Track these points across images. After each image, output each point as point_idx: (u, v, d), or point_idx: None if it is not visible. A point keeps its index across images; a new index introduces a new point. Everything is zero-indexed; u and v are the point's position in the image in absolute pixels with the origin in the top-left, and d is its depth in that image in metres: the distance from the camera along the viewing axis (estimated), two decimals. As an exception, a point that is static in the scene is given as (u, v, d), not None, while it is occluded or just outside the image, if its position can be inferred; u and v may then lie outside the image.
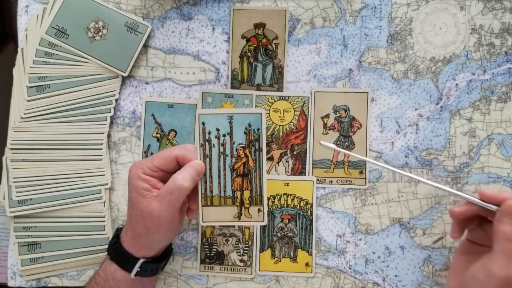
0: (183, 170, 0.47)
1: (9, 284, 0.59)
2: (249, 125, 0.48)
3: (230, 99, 0.59)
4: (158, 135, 0.59)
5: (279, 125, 0.59)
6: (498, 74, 0.58)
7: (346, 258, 0.58)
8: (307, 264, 0.58)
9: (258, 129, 0.48)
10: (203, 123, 0.48)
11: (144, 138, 0.59)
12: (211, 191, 0.49)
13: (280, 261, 0.58)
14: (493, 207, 0.46)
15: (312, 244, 0.58)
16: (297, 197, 0.58)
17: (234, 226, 0.58)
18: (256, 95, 0.59)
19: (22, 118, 0.58)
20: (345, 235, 0.58)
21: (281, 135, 0.59)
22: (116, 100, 0.59)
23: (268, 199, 0.58)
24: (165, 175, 0.49)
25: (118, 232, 0.52)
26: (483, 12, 0.58)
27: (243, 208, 0.49)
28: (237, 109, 0.52)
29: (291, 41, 0.59)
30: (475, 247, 0.50)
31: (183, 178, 0.47)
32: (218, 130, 0.48)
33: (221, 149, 0.48)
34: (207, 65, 0.60)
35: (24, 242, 0.58)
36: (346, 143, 0.58)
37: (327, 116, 0.59)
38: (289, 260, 0.58)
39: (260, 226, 0.57)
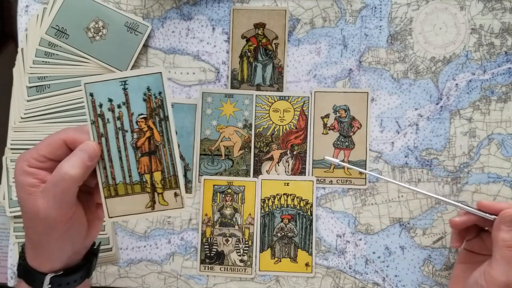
0: (71, 156, 0.39)
1: (9, 284, 0.59)
2: (148, 89, 0.39)
3: (230, 99, 0.59)
4: (158, 135, 0.59)
5: (279, 125, 0.59)
6: (498, 74, 0.58)
7: (346, 258, 0.58)
8: (307, 264, 0.58)
9: (160, 93, 0.39)
10: (91, 95, 0.39)
11: (144, 138, 0.59)
12: (114, 178, 0.40)
13: (280, 261, 0.58)
14: (491, 217, 0.48)
15: (312, 244, 0.58)
16: (297, 197, 0.58)
17: (234, 226, 0.58)
18: (256, 95, 0.59)
19: (22, 118, 0.58)
20: (345, 235, 0.58)
21: (281, 135, 0.59)
22: (116, 100, 0.59)
23: (268, 199, 0.58)
24: (55, 166, 0.40)
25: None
26: (483, 12, 0.58)
27: (155, 194, 0.40)
28: (130, 71, 0.41)
29: (291, 41, 0.59)
30: (474, 256, 0.52)
31: (70, 165, 0.38)
32: (110, 100, 0.39)
33: (118, 124, 0.39)
34: (207, 65, 0.60)
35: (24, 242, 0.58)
36: (346, 143, 0.58)
37: (327, 116, 0.59)
38: (289, 260, 0.58)
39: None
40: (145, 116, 0.39)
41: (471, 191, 0.57)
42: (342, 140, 0.59)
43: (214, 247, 0.58)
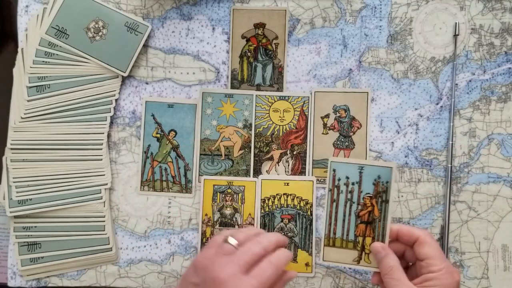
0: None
1: (9, 284, 0.59)
2: (379, 177, 0.49)
3: (230, 99, 0.59)
4: (158, 135, 0.59)
5: (279, 125, 0.59)
6: (498, 74, 0.58)
7: (346, 258, 0.58)
8: (307, 264, 0.58)
9: (387, 182, 0.49)
10: (334, 170, 0.50)
11: (144, 138, 0.59)
12: (335, 233, 0.51)
13: (280, 261, 0.58)
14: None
15: (312, 244, 0.58)
16: (297, 197, 0.58)
17: (234, 226, 0.58)
18: (256, 95, 0.59)
19: (22, 118, 0.58)
20: (345, 235, 0.58)
21: (281, 135, 0.59)
22: (116, 100, 0.59)
23: (268, 199, 0.58)
24: None
25: None
26: (483, 12, 0.58)
27: (363, 253, 0.50)
28: (368, 161, 0.55)
29: (291, 41, 0.59)
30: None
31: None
32: (347, 178, 0.50)
33: (349, 196, 0.50)
34: (207, 65, 0.60)
35: (24, 242, 0.58)
36: (346, 143, 0.58)
37: (327, 116, 0.59)
38: (289, 260, 0.58)
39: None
40: (371, 195, 0.50)
41: (471, 191, 0.57)
42: (342, 140, 0.59)
43: (214, 247, 0.58)
